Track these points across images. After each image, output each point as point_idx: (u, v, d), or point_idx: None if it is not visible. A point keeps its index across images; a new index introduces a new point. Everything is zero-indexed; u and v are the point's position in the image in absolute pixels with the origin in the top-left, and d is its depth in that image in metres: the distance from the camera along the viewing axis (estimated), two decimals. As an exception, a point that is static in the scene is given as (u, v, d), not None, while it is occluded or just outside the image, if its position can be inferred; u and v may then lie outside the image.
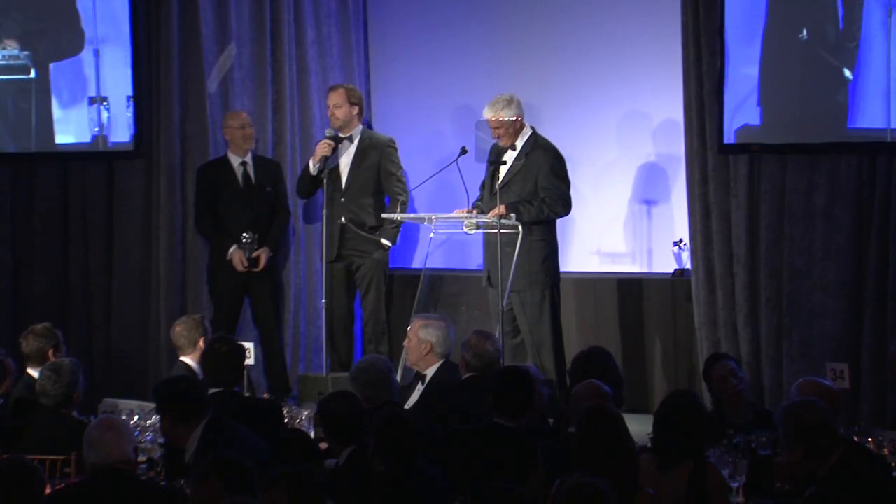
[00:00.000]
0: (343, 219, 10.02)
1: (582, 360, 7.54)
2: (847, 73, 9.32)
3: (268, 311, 10.21)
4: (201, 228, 10.28)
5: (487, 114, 9.41)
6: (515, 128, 9.41)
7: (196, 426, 6.55)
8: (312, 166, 10.02)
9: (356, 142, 10.13)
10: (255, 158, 10.24)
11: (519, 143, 9.44)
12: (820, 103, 9.45)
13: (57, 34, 10.57)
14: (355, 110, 10.13)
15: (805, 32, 9.41)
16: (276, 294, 10.32)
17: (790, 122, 9.54)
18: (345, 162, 10.12)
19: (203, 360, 7.76)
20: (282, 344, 10.37)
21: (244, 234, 9.94)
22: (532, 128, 9.50)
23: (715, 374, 7.49)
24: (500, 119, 9.34)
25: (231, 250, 10.00)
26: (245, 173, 10.17)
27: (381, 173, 10.11)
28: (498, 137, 9.43)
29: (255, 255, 10.00)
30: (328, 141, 10.00)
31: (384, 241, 10.02)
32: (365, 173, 10.09)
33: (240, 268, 9.98)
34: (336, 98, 10.11)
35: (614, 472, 5.59)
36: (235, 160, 10.18)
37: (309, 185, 10.14)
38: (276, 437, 6.79)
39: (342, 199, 10.06)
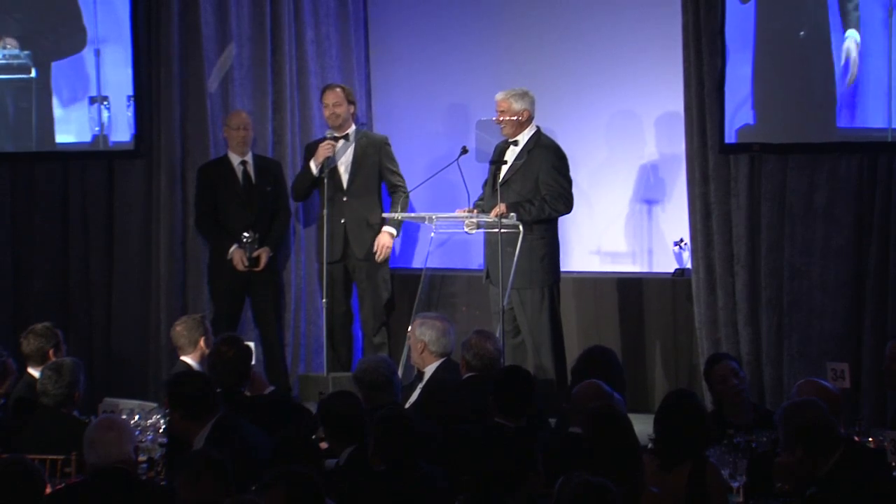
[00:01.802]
0: (343, 219, 10.03)
1: (586, 359, 7.53)
2: (843, 71, 9.33)
3: (269, 311, 10.21)
4: (202, 228, 10.28)
5: (498, 96, 9.46)
6: (520, 120, 9.42)
7: (205, 424, 6.56)
8: (315, 167, 10.03)
9: (353, 141, 10.14)
10: (256, 158, 10.24)
11: (522, 140, 9.45)
12: (817, 103, 9.45)
13: (56, 33, 10.58)
14: (352, 109, 10.18)
15: (800, 32, 9.42)
16: (276, 294, 10.32)
17: (791, 121, 9.54)
18: (344, 161, 10.12)
19: (209, 363, 7.77)
20: (283, 343, 10.37)
21: (244, 234, 9.95)
22: (537, 126, 9.51)
23: (716, 374, 7.49)
24: (508, 105, 9.37)
25: (231, 250, 10.00)
26: (245, 173, 10.18)
27: (381, 171, 10.13)
28: (500, 123, 9.44)
29: (255, 254, 10.00)
30: (331, 141, 10.02)
31: (389, 230, 10.03)
32: (366, 172, 10.10)
33: (240, 267, 9.99)
34: (335, 97, 10.12)
35: (621, 472, 5.59)
36: (235, 160, 10.19)
37: (309, 186, 10.16)
38: (284, 426, 6.86)
39: (344, 199, 10.07)
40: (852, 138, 9.38)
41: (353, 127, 10.21)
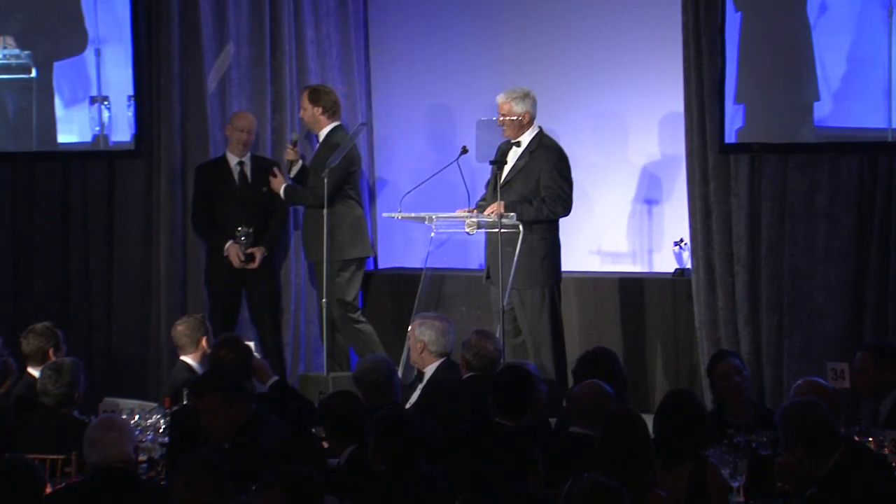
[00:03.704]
0: (304, 220, 10.08)
1: (587, 360, 7.52)
2: (848, 72, 9.34)
3: (265, 310, 10.20)
4: (197, 227, 10.28)
5: (500, 98, 9.46)
6: (521, 122, 9.42)
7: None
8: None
9: (322, 140, 10.16)
10: (253, 158, 10.25)
11: (524, 141, 9.45)
12: (798, 104, 9.45)
13: (56, 34, 10.57)
14: (319, 110, 10.11)
15: (782, 34, 9.42)
16: (274, 293, 10.30)
17: (791, 121, 9.54)
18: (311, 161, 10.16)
19: (210, 361, 7.78)
20: (281, 343, 10.35)
21: (239, 229, 9.95)
22: (539, 127, 9.51)
23: (719, 370, 7.45)
24: (509, 107, 9.38)
25: (227, 246, 10.01)
26: (241, 173, 10.19)
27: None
28: (501, 125, 9.45)
29: (249, 251, 10.00)
30: (290, 147, 10.12)
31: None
32: (319, 171, 10.06)
33: (237, 263, 9.99)
34: (301, 102, 10.17)
35: (634, 474, 5.59)
36: (233, 160, 10.20)
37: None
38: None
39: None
40: (852, 138, 9.37)
41: (330, 126, 10.15)
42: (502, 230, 9.11)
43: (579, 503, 5.08)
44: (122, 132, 10.61)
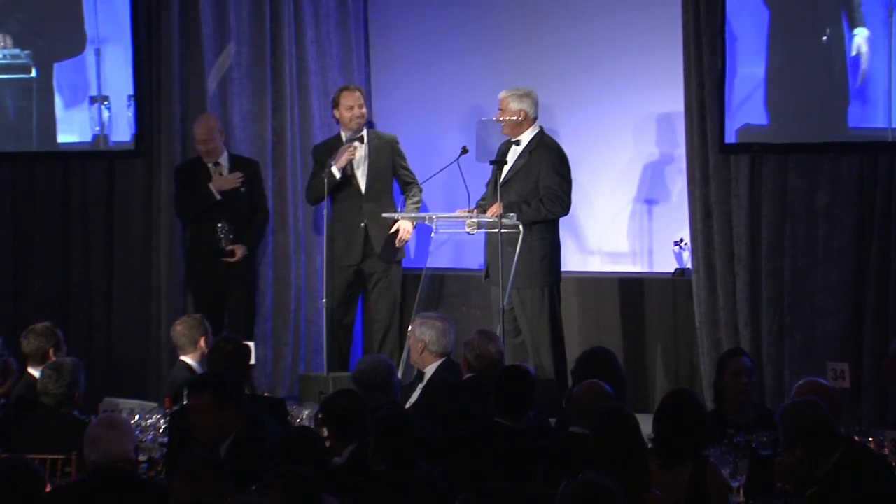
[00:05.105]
0: (364, 222, 9.99)
1: (586, 360, 7.52)
2: (849, 72, 9.34)
3: (241, 312, 10.14)
4: (186, 211, 10.22)
5: (501, 94, 9.50)
6: (518, 120, 9.43)
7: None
8: (337, 171, 9.93)
9: (366, 142, 10.10)
10: (231, 158, 10.20)
11: (524, 140, 9.47)
12: (821, 103, 9.45)
13: (53, 35, 10.57)
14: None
15: (808, 32, 9.42)
16: (250, 293, 10.26)
17: (793, 121, 9.55)
18: (359, 163, 10.06)
19: (209, 360, 7.77)
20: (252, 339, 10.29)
21: (219, 225, 9.91)
22: (540, 127, 9.51)
23: (730, 366, 7.39)
24: (507, 104, 9.40)
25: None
26: (219, 174, 10.13)
27: (395, 169, 10.10)
28: (500, 122, 9.47)
29: (229, 248, 9.96)
30: (357, 144, 9.97)
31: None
32: (382, 173, 10.06)
33: (234, 182, 9.92)
34: (360, 98, 10.04)
35: (628, 472, 5.59)
36: (208, 161, 10.15)
37: (325, 190, 10.02)
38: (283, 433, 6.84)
39: (363, 201, 10.02)
40: (853, 138, 9.38)
41: (364, 128, 10.19)
42: (502, 230, 9.12)
43: (574, 502, 5.07)
44: (122, 132, 10.62)
